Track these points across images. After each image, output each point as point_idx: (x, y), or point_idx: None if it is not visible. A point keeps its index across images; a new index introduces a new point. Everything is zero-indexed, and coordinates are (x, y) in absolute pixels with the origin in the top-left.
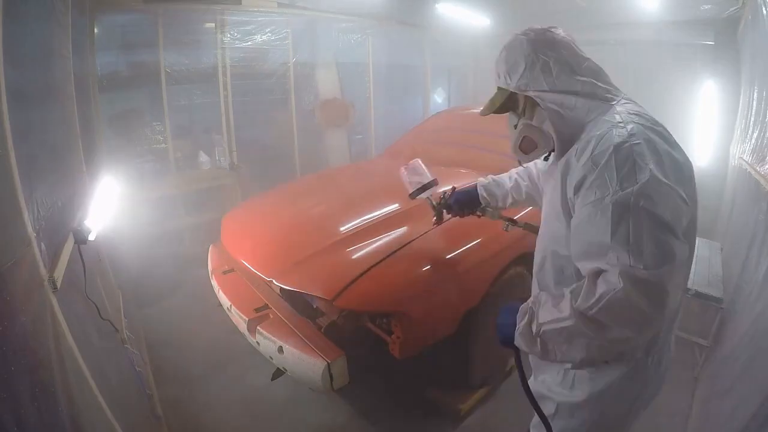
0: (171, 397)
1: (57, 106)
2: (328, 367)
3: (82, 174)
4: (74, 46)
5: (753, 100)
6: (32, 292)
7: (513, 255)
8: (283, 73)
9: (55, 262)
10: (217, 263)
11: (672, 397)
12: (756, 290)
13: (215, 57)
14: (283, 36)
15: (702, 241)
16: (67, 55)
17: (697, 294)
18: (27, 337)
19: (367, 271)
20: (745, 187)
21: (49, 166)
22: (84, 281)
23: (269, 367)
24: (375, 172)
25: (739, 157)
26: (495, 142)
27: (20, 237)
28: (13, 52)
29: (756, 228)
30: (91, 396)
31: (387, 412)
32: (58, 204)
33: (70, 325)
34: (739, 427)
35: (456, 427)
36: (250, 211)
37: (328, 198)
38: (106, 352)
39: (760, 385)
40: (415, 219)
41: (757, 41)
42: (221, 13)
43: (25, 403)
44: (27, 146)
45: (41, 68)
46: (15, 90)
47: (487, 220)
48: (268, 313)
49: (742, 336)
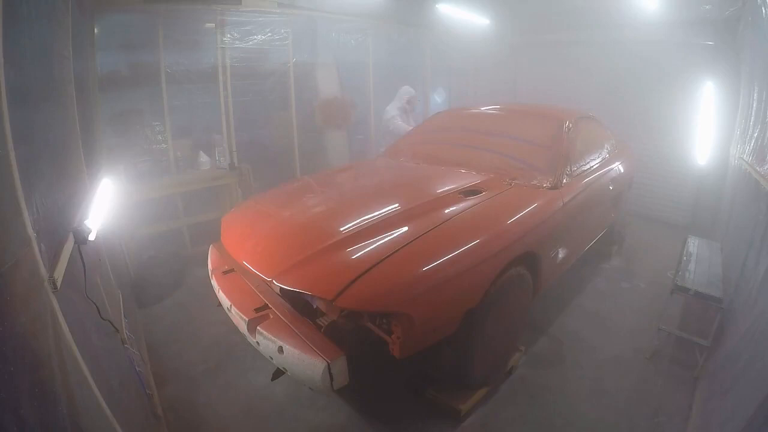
0: (171, 397)
1: (57, 106)
2: (328, 367)
3: (82, 174)
4: (74, 46)
5: (753, 100)
6: (32, 292)
7: (513, 255)
8: (283, 73)
9: (55, 262)
10: (217, 263)
11: (672, 397)
12: (756, 290)
13: (215, 57)
14: (283, 36)
15: (702, 241)
16: (67, 55)
17: (697, 294)
18: (27, 337)
19: (367, 272)
20: (745, 187)
21: (49, 166)
22: (84, 281)
23: (269, 367)
24: (375, 172)
25: (739, 157)
26: (495, 142)
27: (20, 237)
28: (13, 52)
29: (756, 228)
30: (91, 396)
31: (387, 412)
32: (58, 204)
33: (70, 325)
34: (739, 427)
35: (456, 427)
36: (250, 211)
37: (328, 198)
38: (106, 352)
39: (760, 385)
40: (415, 219)
41: (757, 41)
42: (221, 13)
43: (25, 403)
44: (27, 146)
45: (41, 68)
46: (15, 90)
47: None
48: (268, 313)
49: (742, 336)
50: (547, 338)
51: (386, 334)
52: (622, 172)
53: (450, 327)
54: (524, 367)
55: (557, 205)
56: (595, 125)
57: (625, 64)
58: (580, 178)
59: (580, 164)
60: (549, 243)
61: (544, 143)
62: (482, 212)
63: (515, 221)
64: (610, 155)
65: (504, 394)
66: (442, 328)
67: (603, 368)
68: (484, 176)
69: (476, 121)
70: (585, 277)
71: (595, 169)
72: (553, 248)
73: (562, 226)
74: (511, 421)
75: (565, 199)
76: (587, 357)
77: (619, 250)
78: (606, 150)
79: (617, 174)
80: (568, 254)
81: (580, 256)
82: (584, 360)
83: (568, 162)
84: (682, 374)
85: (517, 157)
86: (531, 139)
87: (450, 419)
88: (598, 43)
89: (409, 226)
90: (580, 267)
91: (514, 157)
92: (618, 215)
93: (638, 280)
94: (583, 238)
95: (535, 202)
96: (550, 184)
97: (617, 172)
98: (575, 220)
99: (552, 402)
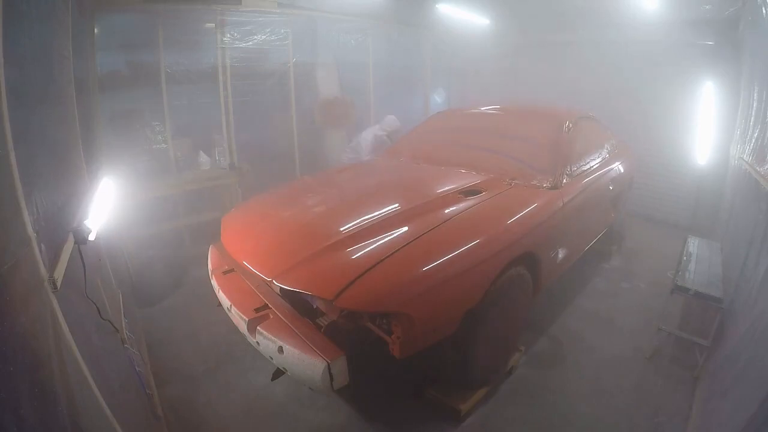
0: (171, 397)
1: (57, 106)
2: (328, 367)
3: (82, 174)
4: (75, 46)
5: (753, 100)
6: (32, 292)
7: (513, 255)
8: (283, 73)
9: (55, 263)
10: (217, 263)
11: (672, 397)
12: (756, 290)
13: (215, 57)
14: (283, 36)
15: (702, 241)
16: (67, 55)
17: (697, 294)
18: (27, 337)
19: (367, 272)
20: (745, 187)
21: (49, 166)
22: (84, 281)
23: (269, 367)
24: (375, 172)
25: (739, 157)
26: (495, 142)
27: (20, 237)
28: (13, 52)
29: (756, 228)
30: (91, 396)
31: (387, 412)
32: (58, 204)
33: (70, 325)
34: (739, 427)
35: (456, 427)
36: (250, 211)
37: (328, 198)
38: (106, 352)
39: (760, 385)
40: (415, 219)
41: (757, 41)
42: (221, 13)
43: (25, 403)
44: (27, 146)
45: (41, 68)
46: (15, 90)
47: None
48: (268, 313)
49: (742, 336)
50: (547, 338)
51: (386, 334)
52: (622, 172)
53: (450, 327)
54: (524, 367)
55: (557, 205)
56: (595, 125)
57: (625, 64)
58: (580, 178)
59: (580, 164)
60: (549, 243)
61: (544, 143)
62: (482, 212)
63: (515, 221)
64: (610, 155)
65: (504, 394)
66: (442, 328)
67: (603, 368)
68: (484, 176)
69: (476, 121)
70: (585, 277)
71: (595, 169)
72: (553, 248)
73: (561, 226)
74: (511, 421)
75: (565, 199)
76: (587, 357)
77: (618, 250)
78: (606, 150)
79: (617, 174)
80: (568, 254)
81: (580, 256)
82: (584, 360)
83: (568, 162)
84: (682, 374)
85: (516, 157)
86: (531, 139)
87: (450, 419)
88: (598, 43)
89: (409, 226)
90: (580, 267)
91: (514, 157)
92: (618, 215)
93: (638, 280)
94: (583, 238)
95: (535, 203)
96: (550, 184)
97: (617, 172)
98: (575, 220)
99: (552, 402)
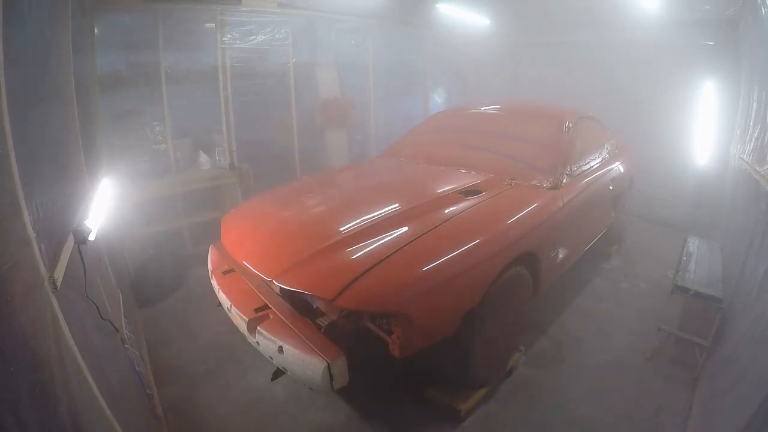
0: (171, 397)
1: (57, 106)
2: (328, 367)
3: (82, 174)
4: (75, 46)
5: (753, 100)
6: (32, 292)
7: (513, 255)
8: (283, 73)
9: (55, 262)
10: (217, 263)
11: (672, 397)
12: (756, 290)
13: (215, 57)
14: (283, 36)
15: (702, 241)
16: (67, 55)
17: (697, 294)
18: (27, 337)
19: (367, 272)
20: (745, 187)
21: (49, 166)
22: (84, 281)
23: (269, 367)
24: (375, 172)
25: (739, 157)
26: (495, 142)
27: (20, 237)
28: (13, 52)
29: (756, 228)
30: (91, 396)
31: (387, 412)
32: (58, 204)
33: (70, 325)
34: (739, 427)
35: (456, 427)
36: (250, 211)
37: (328, 198)
38: (106, 352)
39: (760, 385)
40: (415, 219)
41: (757, 41)
42: (221, 13)
43: (25, 404)
44: (27, 146)
45: (42, 68)
46: (15, 90)
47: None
48: (268, 313)
49: (742, 336)
50: (547, 338)
51: (386, 334)
52: (622, 172)
53: (450, 327)
54: (524, 367)
55: (557, 206)
56: (595, 125)
57: (625, 64)
58: (580, 178)
59: (580, 164)
60: (549, 243)
61: (544, 143)
62: (482, 212)
63: (515, 221)
64: (610, 155)
65: (504, 394)
66: (442, 328)
67: (603, 368)
68: (483, 176)
69: (476, 121)
70: (585, 277)
71: (595, 169)
72: (552, 248)
73: (561, 226)
74: (511, 421)
75: (565, 199)
76: (587, 357)
77: (618, 250)
78: (606, 150)
79: (617, 174)
80: (568, 254)
81: (580, 256)
82: (584, 360)
83: (568, 162)
84: (682, 374)
85: (516, 157)
86: (531, 139)
87: (450, 419)
88: (598, 43)
89: (409, 226)
90: (580, 267)
91: (514, 157)
92: (618, 215)
93: (638, 280)
94: (583, 238)
95: (534, 203)
96: (550, 184)
97: (617, 172)
98: (575, 221)
99: (552, 402)
